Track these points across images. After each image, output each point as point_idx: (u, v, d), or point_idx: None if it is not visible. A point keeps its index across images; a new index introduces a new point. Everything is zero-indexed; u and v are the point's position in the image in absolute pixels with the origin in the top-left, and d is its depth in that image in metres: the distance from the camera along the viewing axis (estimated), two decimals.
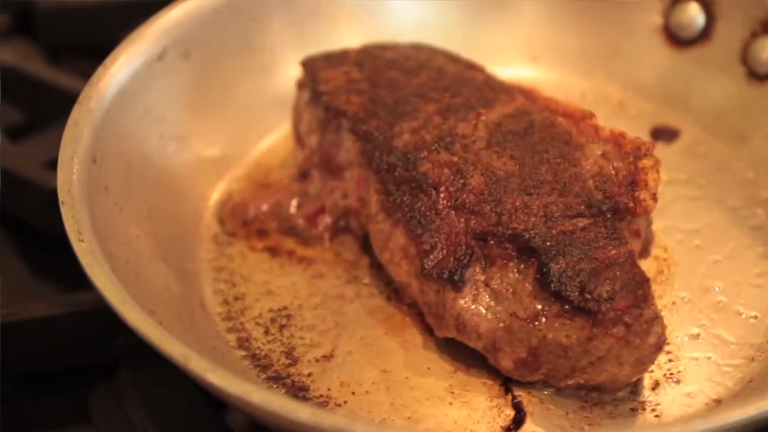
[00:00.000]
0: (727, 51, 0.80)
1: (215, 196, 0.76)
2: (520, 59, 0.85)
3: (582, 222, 0.63)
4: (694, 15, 0.81)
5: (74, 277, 0.61)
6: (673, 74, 0.82)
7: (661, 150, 0.77)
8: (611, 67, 0.84)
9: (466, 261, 0.63)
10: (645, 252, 0.68)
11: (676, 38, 0.82)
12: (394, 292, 0.68)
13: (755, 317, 0.67)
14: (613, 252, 0.62)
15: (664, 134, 0.80)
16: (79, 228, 0.61)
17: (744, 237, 0.72)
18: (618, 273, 0.61)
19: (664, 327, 0.61)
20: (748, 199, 0.74)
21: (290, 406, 0.52)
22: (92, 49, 0.77)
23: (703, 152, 0.78)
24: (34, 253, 0.79)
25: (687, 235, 0.72)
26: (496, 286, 0.63)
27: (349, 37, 0.81)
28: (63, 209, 0.61)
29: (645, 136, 0.79)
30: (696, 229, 0.72)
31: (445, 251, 0.64)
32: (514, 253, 0.63)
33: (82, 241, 0.60)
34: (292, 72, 0.76)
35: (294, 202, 0.74)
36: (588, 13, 0.84)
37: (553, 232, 0.63)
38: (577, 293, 0.60)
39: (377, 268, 0.70)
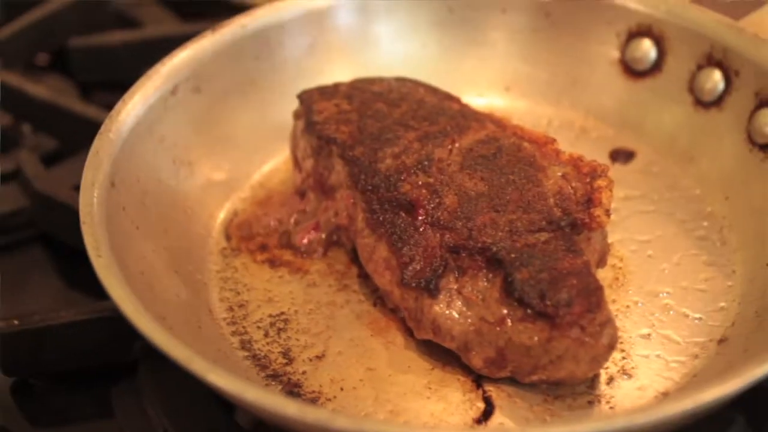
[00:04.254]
0: (676, 81, 0.79)
1: (222, 214, 0.76)
2: (494, 90, 0.85)
3: (543, 236, 0.63)
4: (647, 49, 0.80)
5: (101, 287, 0.60)
6: (629, 102, 0.81)
7: (618, 170, 0.78)
8: (574, 96, 0.83)
9: (440, 271, 0.63)
10: (601, 262, 0.68)
11: (631, 70, 0.82)
12: (379, 298, 0.68)
13: (699, 318, 0.66)
14: (571, 263, 0.62)
15: (621, 156, 0.79)
16: (97, 245, 0.61)
17: (691, 247, 0.71)
18: (575, 281, 0.61)
19: (616, 329, 0.61)
20: (695, 213, 0.74)
21: (279, 403, 0.52)
22: (120, 84, 0.77)
23: (655, 171, 0.78)
24: (67, 267, 0.80)
25: (640, 246, 0.72)
26: (467, 294, 0.63)
27: (341, 72, 0.80)
28: (83, 229, 0.62)
29: (604, 158, 0.79)
30: (648, 240, 0.72)
31: (422, 263, 0.64)
32: (483, 264, 0.63)
33: (100, 257, 0.60)
34: (291, 104, 0.76)
35: (292, 220, 0.74)
36: (554, 49, 0.84)
37: (518, 245, 0.63)
38: (538, 300, 0.60)
39: (365, 278, 0.69)
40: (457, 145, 0.70)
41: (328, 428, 0.52)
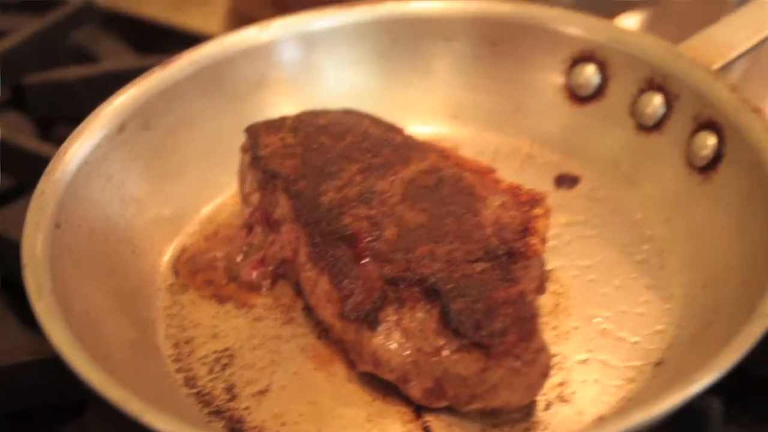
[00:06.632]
0: (619, 106, 0.81)
1: (171, 250, 0.77)
2: (440, 118, 0.87)
3: (480, 266, 0.65)
4: (591, 75, 0.82)
5: None
6: (574, 128, 0.83)
7: (563, 195, 0.79)
8: (520, 122, 0.85)
9: (380, 304, 0.64)
10: (540, 289, 0.69)
11: (575, 96, 0.83)
12: (324, 331, 0.69)
13: (636, 342, 0.68)
14: (506, 292, 0.63)
15: (566, 181, 0.81)
16: (39, 288, 0.62)
17: (631, 271, 0.73)
18: (510, 311, 0.62)
19: (549, 357, 0.62)
20: (636, 237, 0.75)
21: None
22: (78, 119, 0.78)
23: (599, 196, 0.79)
24: (24, 306, 0.80)
25: (582, 271, 0.73)
26: (405, 325, 0.64)
27: (290, 105, 0.82)
28: (25, 272, 0.63)
29: (550, 183, 0.81)
30: (590, 265, 0.73)
31: (362, 295, 0.65)
32: (421, 296, 0.64)
33: (41, 300, 0.61)
34: (240, 138, 0.77)
35: (240, 254, 0.75)
36: (498, 76, 0.85)
37: (455, 275, 0.64)
38: (473, 330, 0.61)
39: (310, 311, 0.70)
40: (399, 176, 0.71)
41: None
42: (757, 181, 0.69)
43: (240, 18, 0.91)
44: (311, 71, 0.85)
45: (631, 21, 1.08)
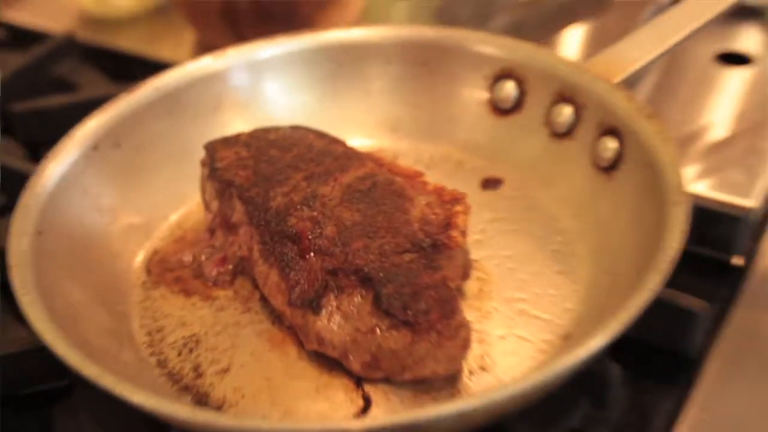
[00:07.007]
0: (535, 117, 0.90)
1: (143, 252, 0.85)
2: (381, 131, 0.96)
3: (408, 256, 0.73)
4: (511, 90, 0.92)
5: None
6: (497, 137, 0.92)
7: (488, 195, 0.88)
8: (451, 133, 0.94)
9: (321, 291, 0.72)
10: (465, 276, 0.78)
11: (498, 109, 0.93)
12: (277, 317, 0.78)
13: (548, 319, 0.76)
14: (430, 278, 0.71)
15: (491, 183, 0.90)
16: (24, 285, 0.70)
17: (546, 259, 0.81)
18: (433, 293, 0.70)
19: (469, 332, 0.70)
20: (550, 230, 0.84)
21: (171, 407, 0.61)
22: None
23: (519, 196, 0.88)
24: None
25: (503, 260, 0.82)
26: (344, 309, 0.72)
27: (245, 124, 0.91)
28: (12, 272, 0.71)
29: (476, 186, 0.90)
30: (510, 255, 0.82)
31: (306, 285, 0.73)
32: (357, 283, 0.72)
33: (26, 294, 0.69)
34: (201, 153, 0.86)
35: (204, 254, 0.84)
36: (431, 93, 0.95)
37: (386, 265, 0.72)
38: (401, 310, 0.69)
39: (265, 301, 0.79)
40: (338, 182, 0.80)
41: (215, 425, 0.61)
42: (651, 178, 0.77)
43: (206, 49, 0.99)
44: (263, 93, 0.95)
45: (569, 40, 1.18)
